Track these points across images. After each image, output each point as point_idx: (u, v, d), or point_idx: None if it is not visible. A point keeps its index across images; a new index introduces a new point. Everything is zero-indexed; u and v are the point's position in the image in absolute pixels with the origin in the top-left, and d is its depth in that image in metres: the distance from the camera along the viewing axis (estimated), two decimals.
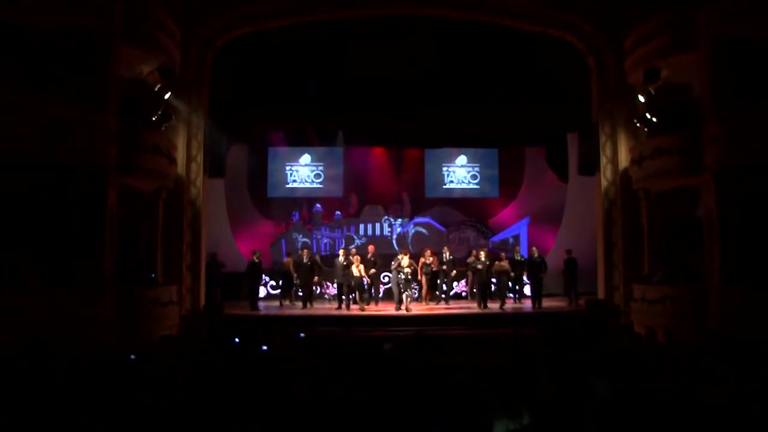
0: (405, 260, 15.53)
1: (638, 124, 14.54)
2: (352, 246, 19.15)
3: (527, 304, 16.94)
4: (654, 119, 13.99)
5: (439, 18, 16.00)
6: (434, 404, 5.47)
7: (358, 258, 16.00)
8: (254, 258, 16.42)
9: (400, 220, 20.79)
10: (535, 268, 16.60)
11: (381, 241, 20.09)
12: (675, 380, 6.48)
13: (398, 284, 15.50)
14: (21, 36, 11.02)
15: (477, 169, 21.50)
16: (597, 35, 15.46)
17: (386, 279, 17.01)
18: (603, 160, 15.71)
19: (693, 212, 13.85)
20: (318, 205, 20.94)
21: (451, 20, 16.03)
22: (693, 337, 10.92)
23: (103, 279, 11.53)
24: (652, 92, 13.75)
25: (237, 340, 10.01)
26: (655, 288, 13.49)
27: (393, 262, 15.96)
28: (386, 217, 20.65)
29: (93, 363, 7.66)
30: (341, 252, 16.54)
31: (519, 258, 17.21)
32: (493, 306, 15.87)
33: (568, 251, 17.14)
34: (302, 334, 10.76)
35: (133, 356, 8.21)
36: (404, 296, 15.35)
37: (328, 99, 16.67)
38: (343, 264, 15.84)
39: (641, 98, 14.08)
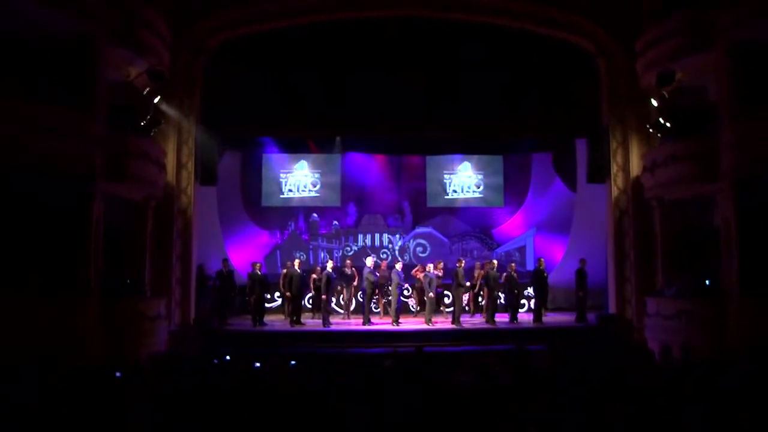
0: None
1: (651, 130, 14.24)
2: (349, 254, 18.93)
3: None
4: (668, 124, 13.68)
5: (443, 20, 15.65)
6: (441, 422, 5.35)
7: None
8: (256, 270, 15.43)
9: (398, 234, 20.31)
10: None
11: (381, 252, 19.72)
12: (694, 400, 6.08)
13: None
14: (2, 37, 10.82)
15: (481, 176, 21.07)
16: (606, 37, 15.13)
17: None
18: (614, 168, 15.37)
19: (709, 221, 13.59)
20: (315, 215, 20.54)
21: (456, 23, 15.68)
22: (711, 353, 10.70)
23: (87, 291, 11.21)
24: (666, 96, 13.42)
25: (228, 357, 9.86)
26: (669, 302, 13.23)
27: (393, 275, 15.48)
28: (386, 233, 20.20)
29: (76, 380, 7.33)
30: (329, 265, 15.76)
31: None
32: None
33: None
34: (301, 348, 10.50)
35: (118, 374, 7.92)
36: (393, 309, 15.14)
37: (325, 104, 16.21)
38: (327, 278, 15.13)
39: (654, 102, 13.80)
